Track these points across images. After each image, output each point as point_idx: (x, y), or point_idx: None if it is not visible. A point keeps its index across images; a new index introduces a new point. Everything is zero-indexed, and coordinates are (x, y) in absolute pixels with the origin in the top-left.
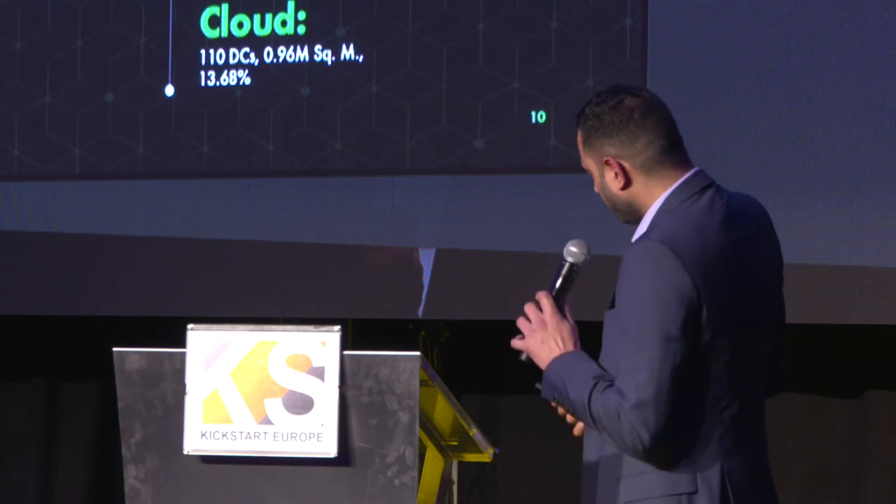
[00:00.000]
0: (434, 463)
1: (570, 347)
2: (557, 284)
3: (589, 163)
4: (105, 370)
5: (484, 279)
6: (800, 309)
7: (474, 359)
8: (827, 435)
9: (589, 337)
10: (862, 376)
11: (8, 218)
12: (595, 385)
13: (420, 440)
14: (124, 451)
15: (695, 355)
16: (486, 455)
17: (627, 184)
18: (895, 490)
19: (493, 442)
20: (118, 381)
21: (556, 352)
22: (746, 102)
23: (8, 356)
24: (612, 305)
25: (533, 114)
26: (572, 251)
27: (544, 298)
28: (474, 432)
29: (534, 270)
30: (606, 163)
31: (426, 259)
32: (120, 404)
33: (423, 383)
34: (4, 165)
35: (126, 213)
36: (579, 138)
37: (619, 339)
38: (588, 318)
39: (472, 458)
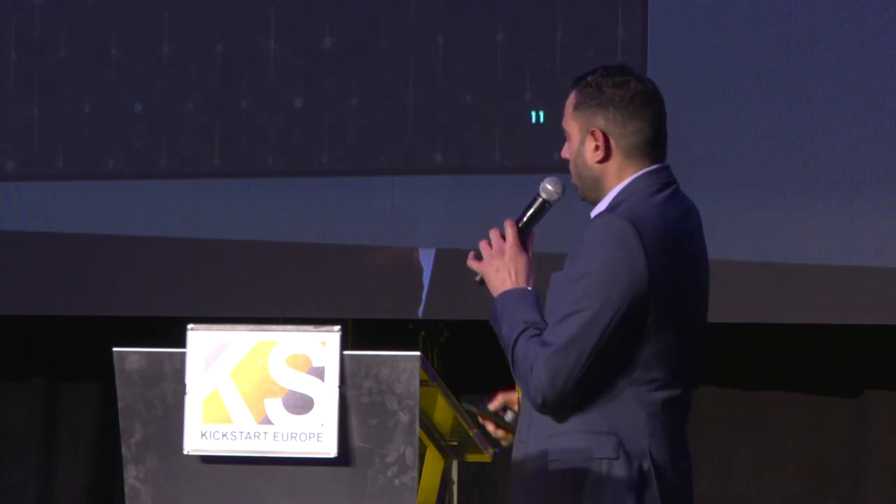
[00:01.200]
0: (434, 463)
1: (522, 282)
2: (526, 217)
3: (572, 126)
4: (105, 370)
5: None
6: (800, 309)
7: (474, 359)
8: (827, 435)
9: None
10: (862, 376)
11: (8, 218)
12: (525, 330)
13: (420, 440)
14: (124, 451)
15: (630, 334)
16: (486, 455)
17: (605, 159)
18: (895, 490)
19: (493, 442)
20: (118, 381)
21: (508, 283)
22: (746, 102)
23: (8, 356)
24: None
25: (533, 114)
26: (547, 188)
27: (509, 227)
28: (474, 432)
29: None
30: (592, 133)
31: (426, 259)
32: (120, 404)
33: (423, 383)
34: (3, 165)
35: (126, 213)
36: (571, 100)
37: (560, 295)
38: None
39: (472, 458)
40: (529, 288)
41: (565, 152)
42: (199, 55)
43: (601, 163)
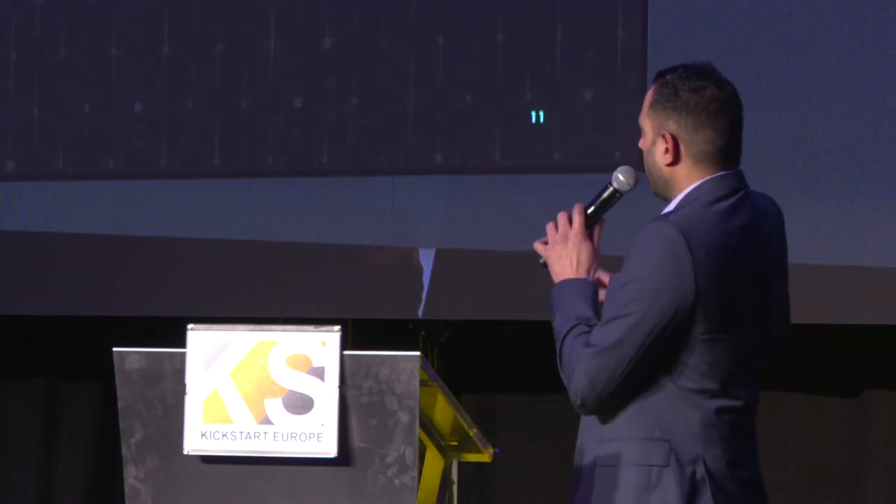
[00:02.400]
0: (434, 463)
1: (583, 272)
2: (595, 204)
3: (646, 123)
4: (105, 370)
5: (484, 279)
6: (800, 309)
7: (474, 359)
8: (827, 435)
9: None
10: (862, 376)
11: (8, 218)
12: (575, 326)
13: (420, 440)
14: (124, 451)
15: (677, 343)
16: (486, 455)
17: (674, 162)
18: (895, 490)
19: (493, 442)
20: (118, 381)
21: (569, 271)
22: (746, 102)
23: (8, 356)
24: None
25: (533, 114)
26: (619, 178)
27: (577, 213)
28: (474, 432)
29: (534, 270)
30: (663, 136)
31: (426, 259)
32: (120, 404)
33: (423, 383)
34: (3, 165)
35: (126, 213)
36: (649, 96)
37: (609, 298)
38: None
39: (472, 458)
40: (590, 279)
41: (641, 145)
42: (199, 55)
43: (670, 166)
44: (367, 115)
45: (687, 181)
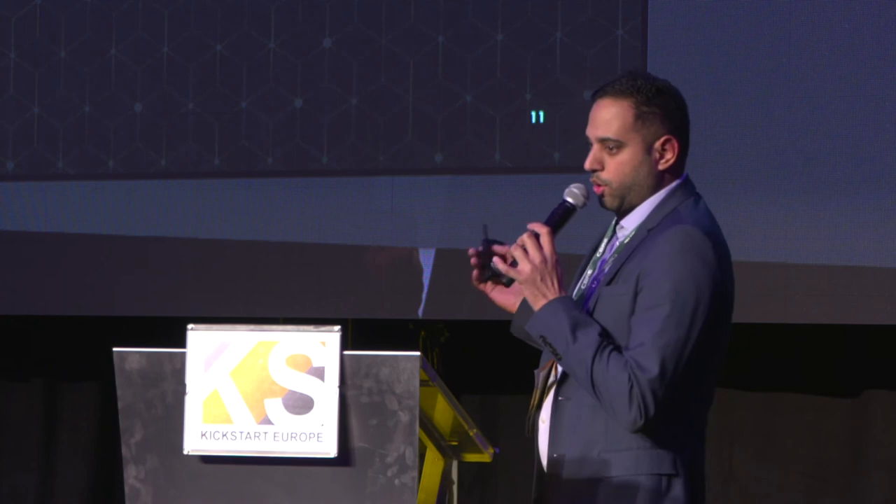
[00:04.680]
0: (434, 463)
1: (561, 290)
2: (557, 224)
3: (630, 136)
4: (105, 370)
5: None
6: (800, 309)
7: (474, 359)
8: (827, 435)
9: None
10: (862, 376)
11: (8, 218)
12: (601, 344)
13: (420, 440)
14: (124, 451)
15: (704, 349)
16: (486, 455)
17: (671, 166)
18: (895, 490)
19: (493, 442)
20: (118, 381)
21: (551, 293)
22: (747, 102)
23: (8, 356)
24: (609, 283)
25: (533, 114)
26: (574, 192)
27: (546, 235)
28: (474, 432)
29: None
30: (668, 141)
31: (426, 259)
32: (120, 404)
33: (423, 383)
34: (3, 165)
35: (126, 213)
36: (627, 109)
37: (644, 313)
38: None
39: (472, 458)
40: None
41: (617, 162)
42: (199, 55)
43: (667, 170)
44: (367, 115)
45: (659, 186)
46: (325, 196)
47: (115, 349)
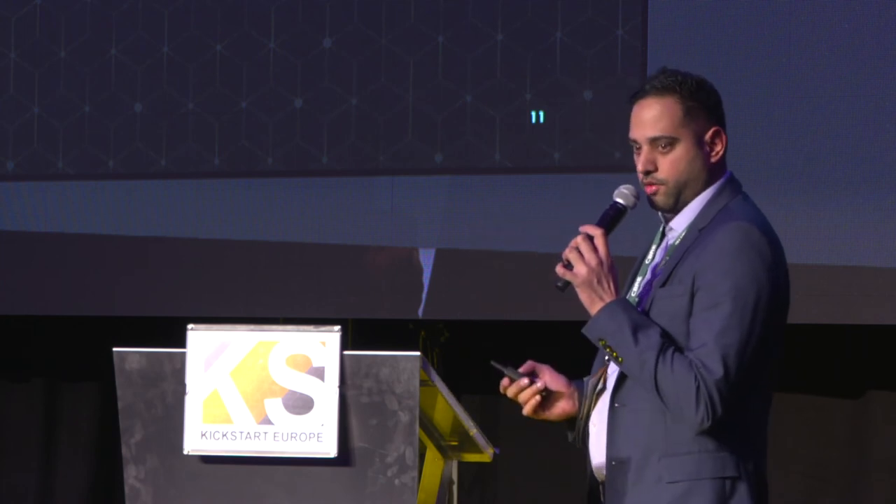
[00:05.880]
0: (434, 463)
1: (618, 294)
2: (609, 226)
3: (681, 131)
4: (105, 370)
5: (484, 279)
6: (800, 309)
7: (474, 359)
8: (827, 435)
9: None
10: (862, 376)
11: (8, 218)
12: (663, 346)
13: (420, 440)
14: (124, 451)
15: (765, 349)
16: (486, 455)
17: (719, 159)
18: (895, 490)
19: (493, 442)
20: (118, 381)
21: (608, 296)
22: (747, 102)
23: (8, 356)
24: (664, 284)
25: (533, 114)
26: (624, 193)
27: (601, 238)
28: (474, 432)
29: (534, 270)
30: (717, 132)
31: (426, 259)
32: (120, 404)
33: (423, 383)
34: (3, 165)
35: (126, 213)
36: (674, 105)
37: (704, 312)
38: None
39: (472, 458)
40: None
41: (653, 163)
42: (199, 55)
43: (717, 163)
44: (367, 115)
45: (714, 179)
46: (325, 196)
47: (115, 349)
